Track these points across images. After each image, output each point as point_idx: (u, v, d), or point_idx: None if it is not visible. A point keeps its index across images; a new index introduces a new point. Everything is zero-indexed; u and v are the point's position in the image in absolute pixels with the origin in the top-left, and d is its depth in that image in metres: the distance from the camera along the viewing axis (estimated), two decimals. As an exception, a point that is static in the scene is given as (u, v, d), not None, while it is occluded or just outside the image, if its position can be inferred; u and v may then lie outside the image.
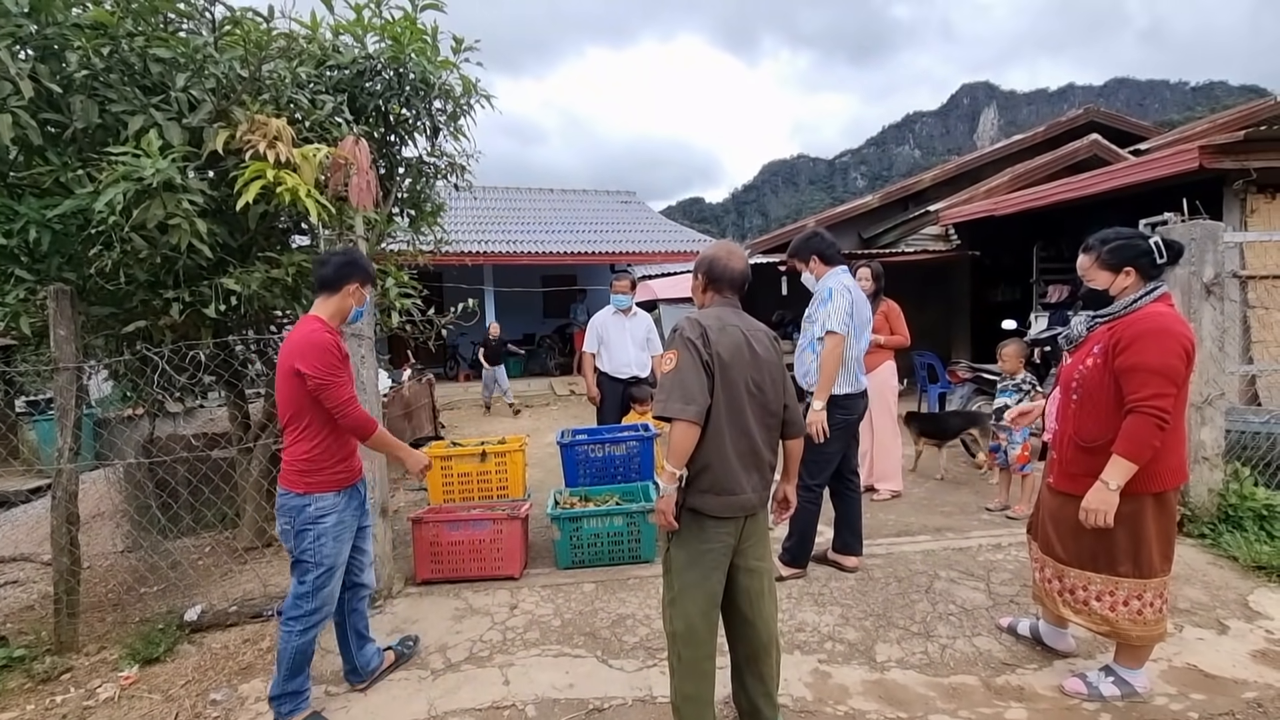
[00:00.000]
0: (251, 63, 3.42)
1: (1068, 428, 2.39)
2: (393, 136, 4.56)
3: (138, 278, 3.29)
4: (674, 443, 2.00)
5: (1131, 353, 2.18)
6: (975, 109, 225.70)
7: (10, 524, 5.49)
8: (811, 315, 3.47)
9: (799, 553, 3.48)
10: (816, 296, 3.46)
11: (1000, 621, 2.96)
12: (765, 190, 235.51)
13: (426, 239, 5.01)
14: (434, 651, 2.93)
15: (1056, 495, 2.45)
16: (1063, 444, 2.42)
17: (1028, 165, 9.36)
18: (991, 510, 4.51)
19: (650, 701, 2.50)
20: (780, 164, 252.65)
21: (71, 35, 2.99)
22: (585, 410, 9.35)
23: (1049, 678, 2.56)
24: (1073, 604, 2.44)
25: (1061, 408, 2.44)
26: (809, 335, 3.46)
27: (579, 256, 13.47)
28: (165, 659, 2.98)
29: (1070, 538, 2.40)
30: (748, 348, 2.10)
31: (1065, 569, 2.44)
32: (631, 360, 5.15)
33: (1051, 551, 2.48)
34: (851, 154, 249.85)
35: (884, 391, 4.75)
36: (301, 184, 3.10)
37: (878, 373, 4.65)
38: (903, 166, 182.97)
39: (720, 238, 17.90)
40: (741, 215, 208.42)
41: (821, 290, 3.44)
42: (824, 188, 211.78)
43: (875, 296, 4.58)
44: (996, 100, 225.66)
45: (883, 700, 2.48)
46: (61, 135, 3.14)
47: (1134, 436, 2.15)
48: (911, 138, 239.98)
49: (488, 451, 4.38)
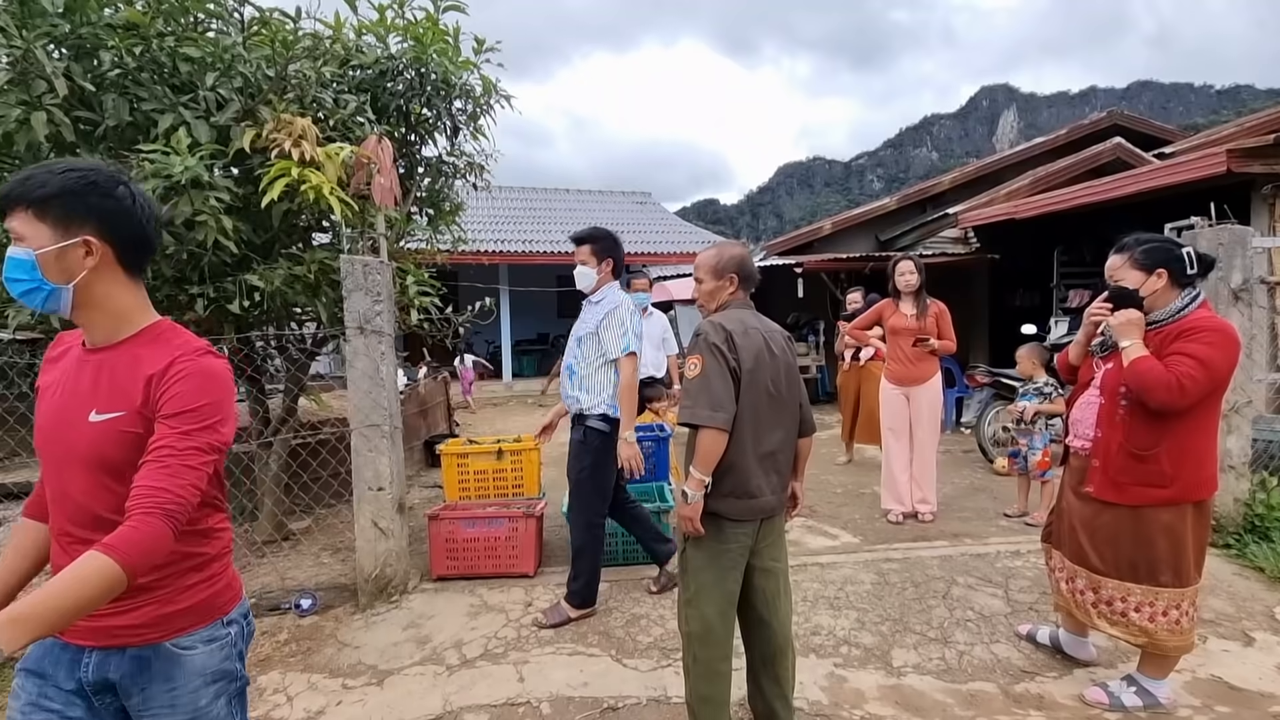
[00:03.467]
0: (278, 62, 3.46)
1: (1115, 435, 2.30)
2: (413, 136, 4.60)
3: (164, 273, 3.34)
4: (702, 450, 2.00)
5: (1184, 341, 2.19)
6: (994, 112, 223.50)
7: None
8: (591, 331, 3.13)
9: (588, 593, 3.17)
10: (603, 308, 3.13)
11: (1019, 629, 2.92)
12: (780, 192, 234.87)
13: (444, 238, 5.05)
14: (449, 647, 2.95)
15: (1093, 504, 2.37)
16: (1109, 452, 2.32)
17: (1049, 168, 9.25)
18: (1010, 516, 4.45)
19: (665, 702, 2.49)
20: (795, 166, 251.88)
21: (105, 35, 3.05)
22: (599, 410, 9.37)
23: (1069, 686, 2.53)
24: (1109, 615, 2.36)
25: (1106, 414, 2.35)
26: (592, 353, 3.13)
27: (594, 257, 13.49)
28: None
29: (1108, 547, 2.34)
30: (768, 350, 2.10)
31: (1103, 580, 2.36)
32: (648, 360, 5.13)
33: (1086, 562, 2.40)
34: (868, 156, 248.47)
35: (935, 405, 4.42)
36: (325, 182, 3.14)
37: (930, 384, 4.38)
38: (920, 169, 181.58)
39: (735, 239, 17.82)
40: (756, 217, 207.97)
41: (606, 301, 3.15)
42: (839, 190, 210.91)
43: (919, 294, 4.40)
44: (1016, 103, 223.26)
45: (899, 706, 2.45)
46: (94, 133, 3.21)
47: (1152, 372, 2.16)
48: (929, 140, 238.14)
49: (504, 449, 4.40)
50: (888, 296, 4.60)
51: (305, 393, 4.64)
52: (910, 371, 4.38)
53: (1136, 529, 2.28)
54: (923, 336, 4.32)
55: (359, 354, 3.34)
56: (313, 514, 4.81)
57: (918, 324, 4.36)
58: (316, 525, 4.69)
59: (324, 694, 2.64)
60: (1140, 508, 2.26)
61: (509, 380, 13.12)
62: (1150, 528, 2.26)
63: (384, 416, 3.36)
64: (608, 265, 3.20)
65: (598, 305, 3.17)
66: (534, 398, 11.72)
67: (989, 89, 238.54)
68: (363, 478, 3.35)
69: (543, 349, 14.99)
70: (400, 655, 2.90)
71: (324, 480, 3.98)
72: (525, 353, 14.55)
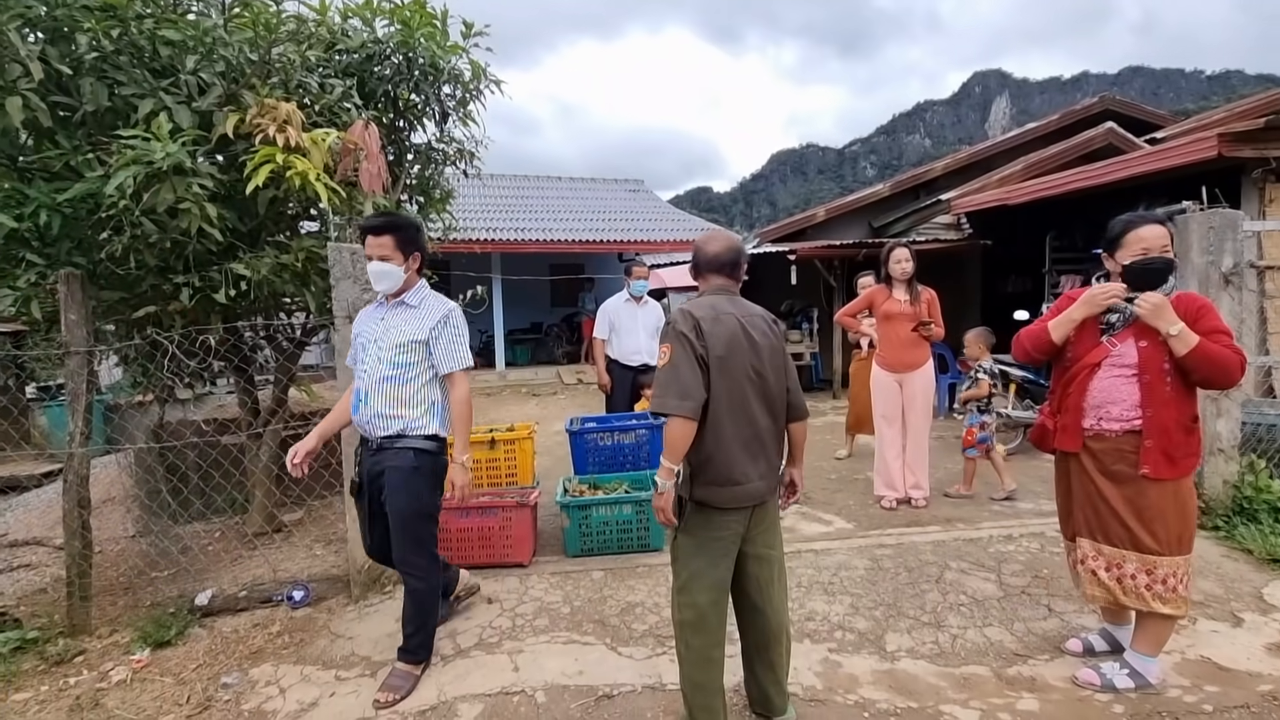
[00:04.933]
0: (261, 46, 3.39)
1: (1169, 412, 2.27)
2: (401, 122, 4.53)
3: (148, 262, 3.28)
4: (669, 438, 1.99)
5: (1203, 320, 2.26)
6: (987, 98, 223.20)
7: (23, 508, 5.54)
8: (418, 339, 2.60)
9: (423, 652, 2.67)
10: (429, 313, 2.64)
11: (1070, 646, 2.68)
12: (774, 180, 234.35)
13: (435, 225, 4.99)
14: (444, 637, 2.93)
15: (1137, 484, 2.31)
16: (1166, 429, 2.27)
17: (1041, 154, 9.24)
18: (995, 499, 4.54)
19: (660, 689, 2.49)
20: (789, 154, 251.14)
21: (81, 16, 2.97)
22: (592, 399, 9.36)
23: (1061, 669, 2.55)
24: (1164, 595, 2.32)
25: (1154, 392, 2.28)
26: (416, 364, 2.61)
27: (587, 245, 13.41)
28: (177, 642, 3.00)
29: (1159, 524, 2.30)
30: (744, 335, 2.08)
31: (1157, 560, 2.31)
32: (642, 348, 5.14)
33: (1138, 545, 2.33)
34: (861, 143, 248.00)
35: (928, 390, 4.45)
36: (311, 169, 3.09)
37: (923, 371, 4.39)
38: (913, 156, 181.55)
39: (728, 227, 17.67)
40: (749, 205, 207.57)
41: (431, 305, 2.67)
42: (833, 177, 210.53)
43: (911, 282, 4.40)
44: (1009, 89, 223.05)
45: (893, 690, 2.47)
46: (71, 119, 3.13)
47: (1223, 354, 2.20)
48: (922, 126, 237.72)
49: (497, 439, 4.38)
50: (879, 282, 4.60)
51: (295, 383, 4.59)
52: (903, 357, 4.39)
53: (1178, 501, 2.31)
54: (925, 321, 4.32)
55: (348, 343, 3.29)
56: (304, 505, 4.79)
57: (913, 310, 4.36)
58: (308, 517, 4.67)
59: (317, 685, 2.63)
60: (1181, 480, 2.31)
61: (502, 370, 13.06)
62: (1189, 497, 2.34)
63: (374, 406, 3.32)
64: (415, 261, 2.65)
65: (417, 309, 2.64)
66: (528, 387, 11.67)
67: (981, 75, 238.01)
68: (353, 469, 3.32)
69: (536, 338, 14.94)
70: (393, 646, 2.86)
71: (315, 471, 3.94)
72: (519, 342, 14.47)
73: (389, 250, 2.56)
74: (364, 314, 2.80)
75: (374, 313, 2.73)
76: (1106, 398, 2.36)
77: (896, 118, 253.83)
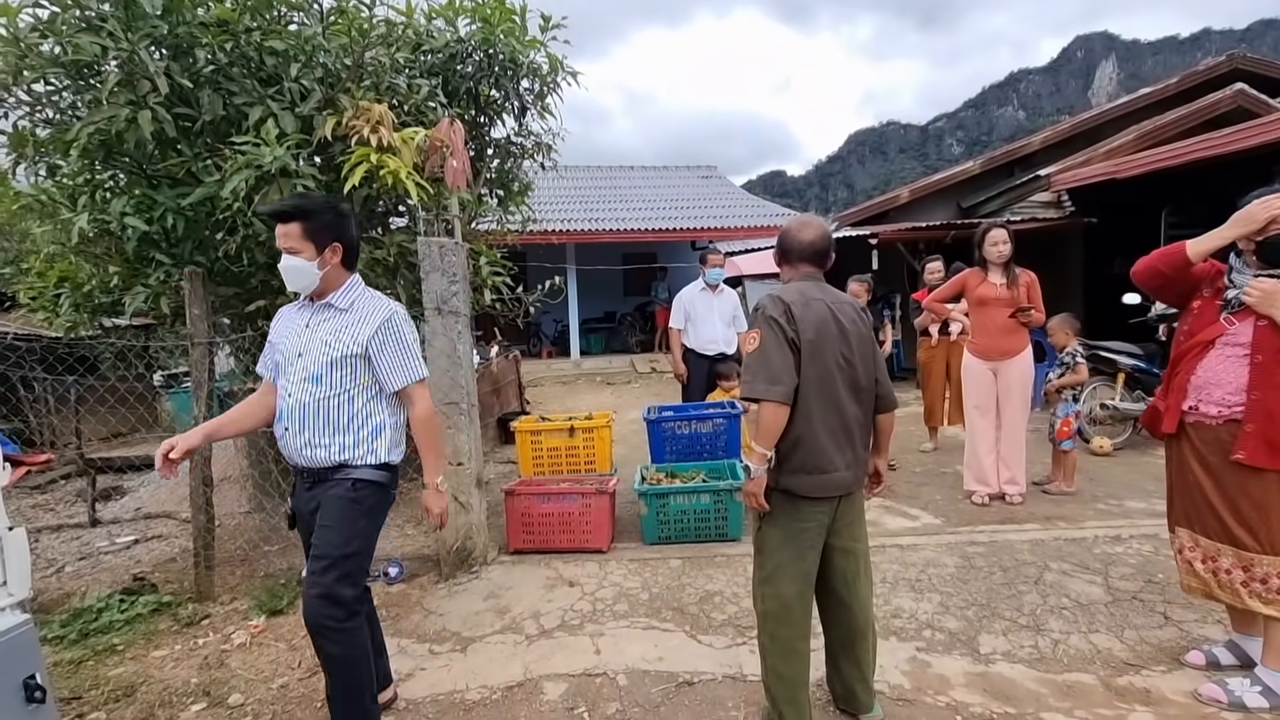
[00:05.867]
0: (355, 50, 3.57)
1: (1279, 397, 2.10)
2: (482, 118, 4.67)
3: (258, 260, 3.54)
4: (762, 424, 1.96)
5: None
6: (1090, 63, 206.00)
7: (154, 484, 6.13)
8: (355, 353, 2.09)
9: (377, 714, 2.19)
10: (366, 319, 2.12)
11: (1190, 659, 2.46)
12: (851, 161, 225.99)
13: (514, 218, 5.12)
14: (528, 618, 3.04)
15: (1239, 473, 2.15)
16: (1272, 415, 2.11)
17: (1156, 122, 8.44)
18: (1036, 484, 4.43)
19: (740, 679, 2.48)
20: (868, 133, 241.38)
21: (199, 33, 3.22)
22: (667, 387, 9.38)
23: (1180, 682, 2.35)
24: (1263, 595, 2.16)
25: (1266, 375, 2.12)
26: (355, 381, 2.11)
27: (660, 233, 13.41)
28: (287, 611, 3.25)
29: (1258, 519, 2.14)
30: (834, 322, 2.03)
31: (1255, 557, 2.16)
32: (719, 336, 5.09)
33: (1233, 539, 2.19)
34: (946, 118, 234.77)
35: (1025, 380, 4.18)
36: (401, 167, 3.23)
37: (1021, 359, 4.14)
38: (1005, 130, 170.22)
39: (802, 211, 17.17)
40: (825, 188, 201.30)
41: (365, 306, 2.14)
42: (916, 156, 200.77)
43: (1008, 265, 4.14)
44: (1116, 52, 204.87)
45: (988, 694, 2.35)
46: (191, 128, 3.41)
47: None
48: (1015, 98, 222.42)
49: (575, 427, 4.46)
50: (972, 266, 4.35)
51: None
52: (1000, 345, 4.14)
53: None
54: (1025, 306, 4.05)
55: (437, 334, 3.44)
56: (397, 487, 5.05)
57: (1009, 294, 4.09)
58: (401, 499, 4.92)
59: (413, 657, 2.78)
60: None
61: (577, 359, 13.31)
62: None
63: (462, 394, 3.47)
64: (334, 253, 2.09)
65: (347, 313, 2.11)
66: (602, 376, 11.86)
67: (1084, 38, 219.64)
68: (442, 453, 3.47)
69: (610, 327, 15.12)
70: (481, 624, 3.01)
71: (408, 455, 4.15)
72: (593, 331, 14.70)
73: (295, 241, 2.04)
74: (284, 316, 2.24)
75: (295, 316, 2.19)
76: (1211, 378, 2.22)
77: (987, 90, 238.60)
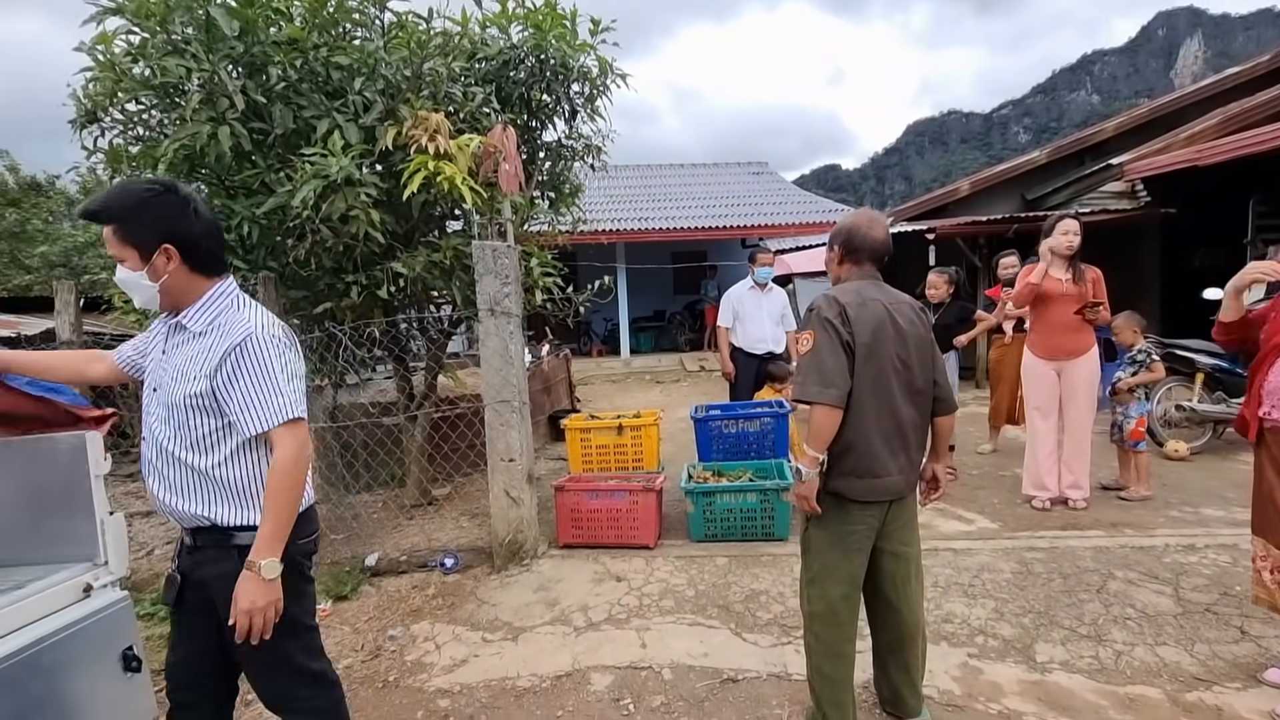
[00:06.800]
0: (414, 62, 3.72)
1: None
2: (534, 122, 4.78)
3: (325, 264, 3.74)
4: (814, 427, 1.95)
5: None
6: (1173, 41, 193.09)
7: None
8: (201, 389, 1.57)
9: None
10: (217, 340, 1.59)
11: (1269, 677, 2.32)
12: (909, 152, 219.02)
13: (565, 219, 5.22)
14: (576, 610, 3.12)
15: None
16: None
17: (1244, 104, 7.86)
18: (1106, 488, 4.28)
19: (785, 678, 2.49)
20: (927, 123, 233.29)
21: (271, 51, 3.43)
22: (715, 386, 9.36)
23: (1256, 700, 2.23)
24: None
25: None
26: (210, 426, 1.59)
27: (710, 231, 13.36)
28: (351, 597, 3.43)
29: None
30: (891, 323, 1.99)
31: None
32: (767, 335, 5.07)
33: None
34: (1012, 105, 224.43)
35: (1091, 381, 4.00)
36: (457, 173, 3.35)
37: (1086, 358, 3.96)
38: (1077, 115, 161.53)
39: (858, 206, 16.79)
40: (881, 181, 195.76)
41: (222, 325, 1.62)
42: (978, 145, 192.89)
43: (1073, 259, 3.93)
44: (1203, 28, 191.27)
45: (1043, 703, 2.29)
46: (265, 141, 3.63)
47: None
48: (1089, 81, 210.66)
49: (624, 425, 4.53)
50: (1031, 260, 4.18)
51: (443, 370, 5.03)
52: (1063, 343, 3.96)
53: None
54: (1094, 302, 3.87)
55: (490, 334, 3.57)
56: (452, 481, 5.24)
57: (1076, 289, 3.89)
58: (456, 492, 5.11)
59: (466, 645, 2.90)
60: None
61: (627, 357, 13.41)
62: None
63: (514, 392, 3.58)
64: (167, 257, 1.58)
65: (202, 338, 1.61)
66: (651, 374, 11.93)
67: (1166, 14, 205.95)
68: (495, 449, 3.60)
69: (659, 326, 15.18)
70: (532, 615, 3.11)
71: (461, 451, 4.32)
72: (642, 330, 14.79)
73: (115, 247, 1.57)
74: (150, 337, 1.78)
75: (158, 340, 1.73)
76: None
77: (1057, 73, 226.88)
